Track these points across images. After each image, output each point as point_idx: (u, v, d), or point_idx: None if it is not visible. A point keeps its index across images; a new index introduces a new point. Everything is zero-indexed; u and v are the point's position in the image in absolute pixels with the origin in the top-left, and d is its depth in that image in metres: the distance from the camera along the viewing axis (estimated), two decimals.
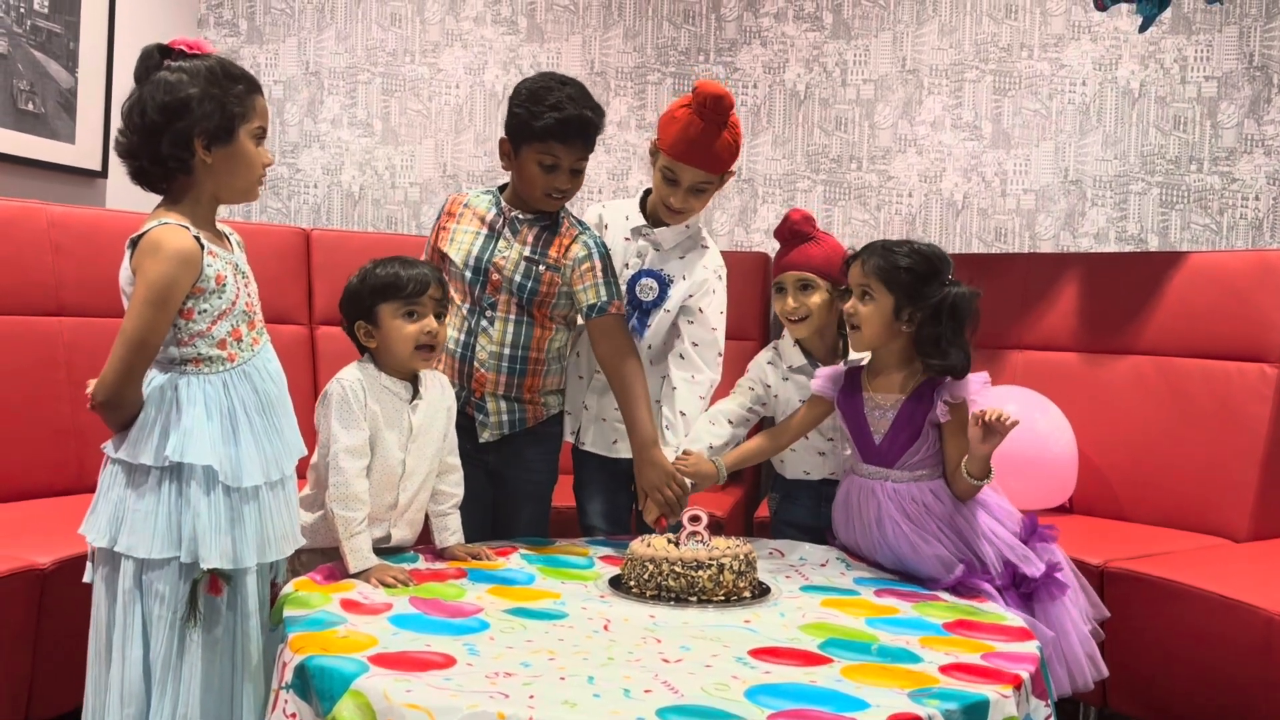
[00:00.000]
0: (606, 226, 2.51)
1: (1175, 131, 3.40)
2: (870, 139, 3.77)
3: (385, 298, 2.10)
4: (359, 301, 2.13)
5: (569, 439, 2.54)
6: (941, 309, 2.15)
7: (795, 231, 2.41)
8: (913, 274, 2.16)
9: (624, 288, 2.43)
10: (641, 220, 2.48)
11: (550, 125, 2.25)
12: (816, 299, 2.38)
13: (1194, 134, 3.38)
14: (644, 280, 2.44)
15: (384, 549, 2.12)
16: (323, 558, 2.07)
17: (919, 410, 2.17)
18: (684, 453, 2.33)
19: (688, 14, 3.87)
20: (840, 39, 3.79)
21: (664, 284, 2.44)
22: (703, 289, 2.45)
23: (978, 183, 3.65)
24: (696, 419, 2.40)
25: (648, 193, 2.50)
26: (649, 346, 2.46)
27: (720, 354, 2.47)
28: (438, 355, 2.19)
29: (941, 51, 3.69)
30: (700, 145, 2.31)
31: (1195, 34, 3.37)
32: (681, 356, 2.43)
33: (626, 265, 2.47)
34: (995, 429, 2.05)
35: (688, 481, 2.30)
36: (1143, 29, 3.02)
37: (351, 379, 2.08)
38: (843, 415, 2.28)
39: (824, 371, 2.34)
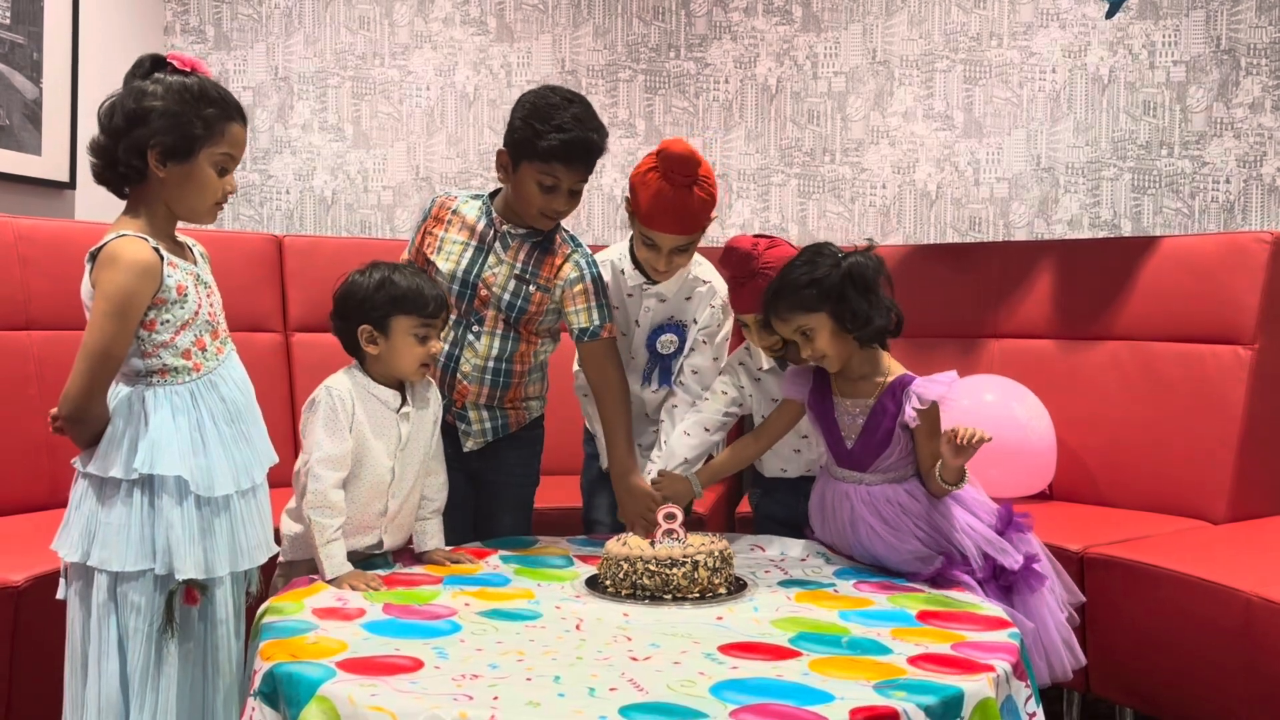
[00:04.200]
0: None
1: (1145, 117, 3.41)
2: (843, 131, 3.77)
3: (403, 310, 2.05)
4: (370, 306, 2.06)
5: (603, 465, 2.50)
6: (846, 286, 2.10)
7: (746, 272, 2.29)
8: (816, 284, 2.10)
9: (643, 343, 2.44)
10: (635, 272, 2.43)
11: (554, 146, 2.19)
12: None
13: (1164, 119, 3.38)
14: (664, 336, 2.44)
15: (368, 554, 2.12)
16: (312, 568, 2.05)
17: (887, 414, 2.13)
18: (659, 474, 2.31)
19: (657, 10, 3.86)
20: (810, 32, 3.78)
21: (681, 333, 2.45)
22: (710, 323, 2.44)
23: (951, 172, 3.65)
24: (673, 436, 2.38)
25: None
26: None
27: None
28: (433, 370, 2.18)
29: (911, 42, 3.69)
30: (673, 210, 2.26)
31: (1163, 19, 3.38)
32: (683, 381, 2.44)
33: (637, 323, 2.46)
34: (965, 450, 2.04)
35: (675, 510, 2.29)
36: (1109, 15, 3.03)
37: (342, 388, 2.05)
38: (814, 417, 2.26)
39: (793, 372, 2.30)
